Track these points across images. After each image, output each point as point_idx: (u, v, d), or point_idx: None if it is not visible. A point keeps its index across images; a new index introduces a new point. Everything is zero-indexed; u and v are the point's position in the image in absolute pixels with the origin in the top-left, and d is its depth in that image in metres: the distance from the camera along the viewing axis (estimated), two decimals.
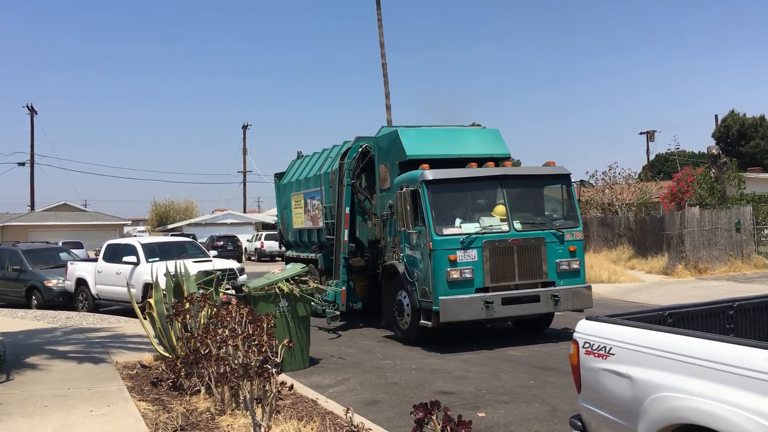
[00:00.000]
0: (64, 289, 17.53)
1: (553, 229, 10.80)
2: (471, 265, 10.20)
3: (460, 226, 10.53)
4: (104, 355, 9.55)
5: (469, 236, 10.26)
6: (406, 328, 11.15)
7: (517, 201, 11.02)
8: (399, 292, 11.29)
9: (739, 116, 49.86)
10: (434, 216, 10.37)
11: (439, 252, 10.19)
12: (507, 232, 10.48)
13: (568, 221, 11.13)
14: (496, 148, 12.36)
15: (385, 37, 34.49)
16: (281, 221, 17.83)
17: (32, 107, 51.68)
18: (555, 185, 11.47)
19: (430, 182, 10.56)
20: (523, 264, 10.41)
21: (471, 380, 8.51)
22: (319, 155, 15.66)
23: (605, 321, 4.22)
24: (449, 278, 10.13)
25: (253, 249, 44.27)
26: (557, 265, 10.64)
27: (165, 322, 8.34)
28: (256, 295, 9.25)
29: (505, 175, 10.94)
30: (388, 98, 34.00)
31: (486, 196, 11.22)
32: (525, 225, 10.72)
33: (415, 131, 12.30)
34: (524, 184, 11.34)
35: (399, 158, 11.87)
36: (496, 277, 10.30)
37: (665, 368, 3.57)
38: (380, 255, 12.59)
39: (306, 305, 9.56)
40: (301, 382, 8.21)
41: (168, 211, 68.10)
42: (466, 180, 10.99)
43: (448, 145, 12.09)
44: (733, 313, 4.80)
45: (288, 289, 9.30)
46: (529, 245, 10.48)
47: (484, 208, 11.06)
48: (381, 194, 12.47)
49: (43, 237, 38.25)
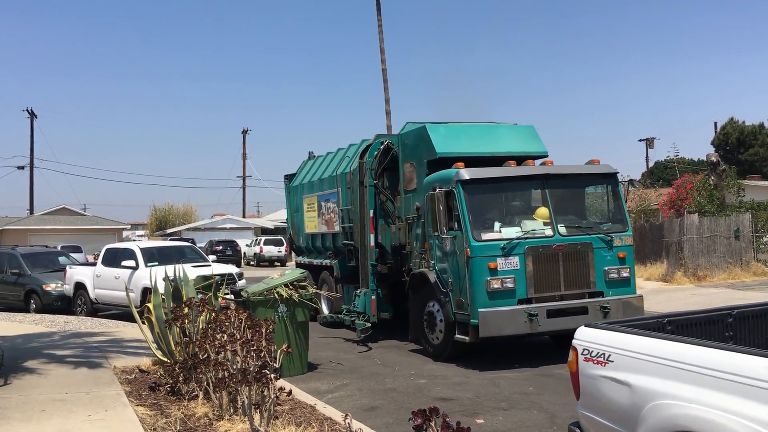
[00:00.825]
0: (62, 293, 17.51)
1: (601, 233, 9.90)
2: (513, 273, 9.32)
3: (500, 230, 9.65)
4: (102, 360, 9.53)
5: (511, 242, 9.38)
6: (437, 343, 10.20)
7: (560, 202, 10.13)
8: (429, 303, 10.36)
9: (739, 124, 49.98)
10: (471, 219, 9.51)
11: (477, 259, 9.31)
12: (551, 236, 9.59)
13: (615, 225, 10.22)
14: (532, 146, 11.42)
15: (387, 43, 34.59)
16: (291, 225, 16.93)
17: (32, 111, 51.70)
18: (600, 185, 10.60)
19: (467, 182, 9.67)
20: (569, 272, 9.54)
21: (470, 386, 8.50)
22: (334, 155, 14.91)
23: (604, 328, 4.22)
24: (489, 288, 9.24)
25: (252, 254, 44.25)
26: (606, 273, 9.75)
27: (163, 327, 8.32)
28: (255, 300, 9.24)
29: (548, 174, 10.04)
30: (388, 104, 34.04)
31: (527, 197, 10.43)
32: (570, 229, 9.84)
33: (444, 127, 11.30)
34: (568, 183, 10.41)
35: (427, 156, 10.90)
36: (540, 287, 9.42)
37: (664, 376, 3.57)
38: (404, 262, 11.74)
39: (305, 310, 9.55)
40: (300, 387, 8.20)
41: (167, 215, 68.06)
42: (506, 179, 10.07)
43: (480, 143, 11.13)
44: (733, 321, 4.80)
45: (287, 294, 9.29)
46: (576, 251, 9.60)
47: (525, 210, 10.26)
48: (406, 196, 11.54)
49: (42, 241, 38.25)
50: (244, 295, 9.47)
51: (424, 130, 11.08)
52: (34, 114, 51.70)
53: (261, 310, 9.03)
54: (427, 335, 10.45)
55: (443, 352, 10.07)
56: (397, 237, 11.81)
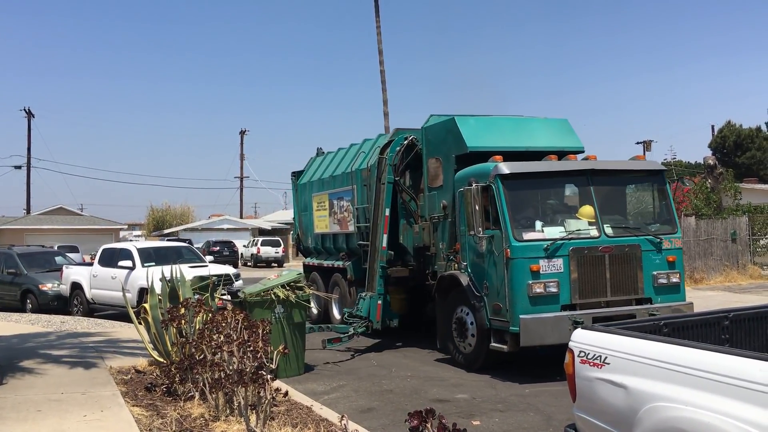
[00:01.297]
0: (59, 293, 17.48)
1: (650, 234, 9.25)
2: (556, 277, 8.64)
3: (542, 229, 9.00)
4: (98, 360, 9.51)
5: (555, 242, 8.71)
6: (469, 351, 9.47)
7: (606, 201, 9.48)
8: (459, 308, 9.66)
9: (736, 127, 50.09)
10: (512, 217, 8.85)
11: (519, 261, 8.62)
12: (597, 237, 8.92)
13: (663, 226, 9.54)
14: (567, 141, 10.76)
15: (386, 46, 34.62)
16: (299, 225, 16.15)
17: (29, 111, 51.62)
18: (646, 183, 10.03)
19: (507, 177, 8.99)
20: (615, 276, 8.86)
21: (466, 388, 8.50)
22: (346, 151, 14.27)
23: (601, 330, 4.22)
24: (531, 293, 8.55)
25: (250, 255, 44.23)
26: (654, 278, 9.08)
27: (160, 327, 8.32)
28: (252, 301, 9.23)
29: (594, 170, 9.38)
30: (386, 105, 34.08)
31: (570, 194, 9.80)
32: (617, 230, 9.18)
33: (474, 120, 10.58)
34: (614, 180, 9.73)
35: (456, 151, 10.18)
36: (585, 293, 8.73)
37: (660, 378, 3.57)
38: (428, 264, 11.06)
39: (302, 311, 9.54)
40: (296, 388, 8.19)
41: (164, 215, 67.95)
42: (549, 175, 9.42)
43: (513, 137, 10.44)
44: (729, 324, 4.80)
45: (284, 295, 9.28)
46: (623, 254, 8.92)
47: (568, 208, 9.64)
48: (430, 193, 10.86)
49: (39, 241, 38.17)
50: (241, 295, 9.46)
51: (452, 123, 10.36)
52: (31, 113, 51.63)
53: (258, 311, 9.02)
54: (456, 343, 9.74)
55: (475, 362, 9.38)
56: (420, 237, 11.08)
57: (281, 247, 43.86)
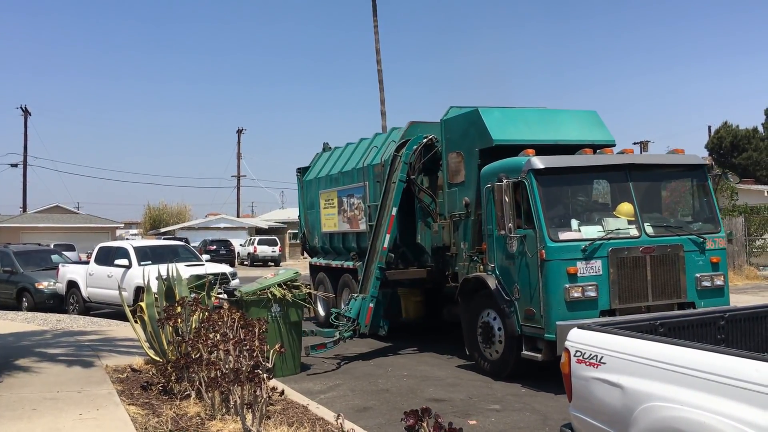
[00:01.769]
0: (55, 291, 17.46)
1: (692, 234, 8.71)
2: (595, 280, 8.07)
3: (579, 229, 8.46)
4: (94, 359, 9.50)
5: (593, 243, 8.14)
6: (496, 359, 8.95)
7: (644, 197, 8.93)
8: (485, 312, 9.16)
9: (732, 128, 50.16)
10: (546, 216, 8.31)
11: (555, 263, 8.06)
12: (637, 237, 8.38)
13: (705, 225, 8.99)
14: (597, 134, 10.19)
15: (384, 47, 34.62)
16: (305, 223, 15.42)
17: (26, 109, 51.54)
18: (686, 178, 9.45)
19: (541, 172, 8.42)
20: (657, 279, 8.31)
21: (462, 388, 8.50)
22: (356, 146, 13.74)
23: (597, 330, 4.22)
24: (568, 297, 7.97)
25: (246, 254, 44.24)
26: (698, 280, 8.54)
27: (156, 326, 8.30)
28: (249, 299, 9.22)
29: (633, 165, 8.81)
30: (383, 104, 34.08)
31: (607, 190, 9.28)
32: (658, 229, 8.63)
33: (499, 111, 9.99)
34: (653, 176, 9.21)
35: (480, 144, 9.61)
36: (625, 297, 8.17)
37: (656, 378, 3.58)
38: (448, 264, 10.52)
39: (298, 311, 9.53)
40: (292, 387, 8.18)
41: (161, 214, 67.87)
42: (586, 170, 8.88)
43: (540, 129, 9.88)
44: (725, 324, 4.81)
45: (280, 294, 9.27)
46: (665, 255, 8.38)
47: (604, 206, 9.12)
48: (450, 190, 10.28)
49: (35, 239, 38.13)
50: (237, 294, 9.45)
51: (476, 114, 9.75)
52: (28, 111, 51.55)
53: (254, 310, 9.01)
54: (481, 349, 9.22)
55: (503, 370, 8.85)
56: (440, 237, 10.49)
57: (278, 246, 43.86)
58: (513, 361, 8.68)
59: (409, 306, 11.69)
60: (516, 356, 8.59)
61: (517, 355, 8.56)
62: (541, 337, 8.19)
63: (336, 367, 10.01)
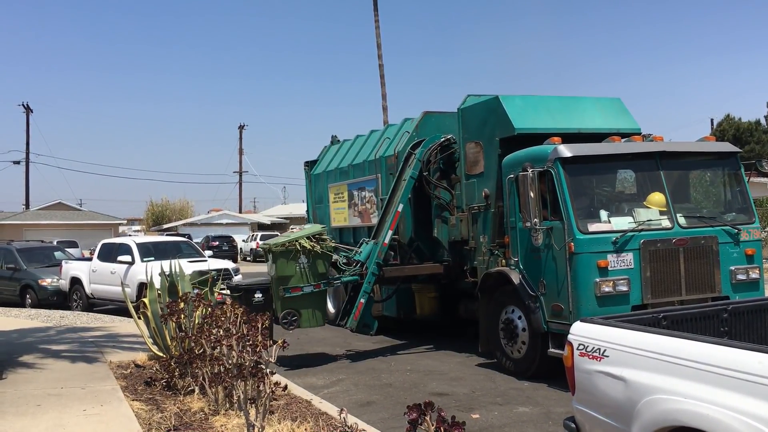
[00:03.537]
0: (58, 288, 17.50)
1: (727, 225, 8.37)
2: (626, 273, 7.77)
3: (609, 220, 8.12)
4: (98, 355, 9.52)
5: (624, 234, 7.82)
6: (520, 357, 8.64)
7: (676, 187, 8.62)
8: (507, 308, 8.84)
9: (735, 121, 50.09)
10: (575, 206, 7.96)
11: (584, 256, 7.74)
12: (670, 228, 8.06)
13: (739, 215, 8.66)
14: (622, 122, 9.83)
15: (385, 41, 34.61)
16: (313, 218, 15.04)
17: (28, 106, 51.62)
18: (718, 167, 9.14)
19: (569, 161, 8.08)
20: (690, 272, 7.99)
21: (466, 382, 8.50)
22: (366, 138, 13.43)
23: (600, 323, 4.22)
24: (599, 292, 7.67)
25: (249, 249, 44.29)
26: (732, 273, 8.22)
27: (159, 322, 8.32)
28: (277, 251, 9.35)
29: (665, 153, 8.46)
30: (384, 99, 34.08)
31: (637, 180, 8.95)
32: (690, 219, 8.30)
33: (521, 99, 9.62)
34: (684, 164, 8.88)
35: (501, 133, 9.25)
36: (658, 291, 7.85)
37: (659, 370, 3.58)
38: (466, 259, 10.16)
39: (325, 262, 9.66)
40: (296, 382, 8.20)
41: (163, 210, 67.95)
42: (616, 158, 8.56)
43: (563, 117, 9.54)
44: (728, 316, 4.81)
45: (309, 245, 9.32)
46: (699, 247, 8.05)
47: (634, 196, 8.81)
48: (468, 181, 9.92)
49: (38, 236, 38.18)
50: (265, 246, 9.60)
51: (496, 102, 9.39)
52: (29, 109, 51.63)
53: (282, 262, 9.16)
54: (504, 347, 8.90)
55: (528, 368, 8.53)
56: (457, 230, 10.13)
57: None
58: (538, 359, 8.36)
59: (423, 302, 11.42)
60: (541, 354, 8.28)
61: (543, 352, 8.23)
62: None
63: (339, 362, 10.02)
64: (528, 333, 8.50)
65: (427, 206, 11.05)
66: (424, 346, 10.88)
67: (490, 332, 9.16)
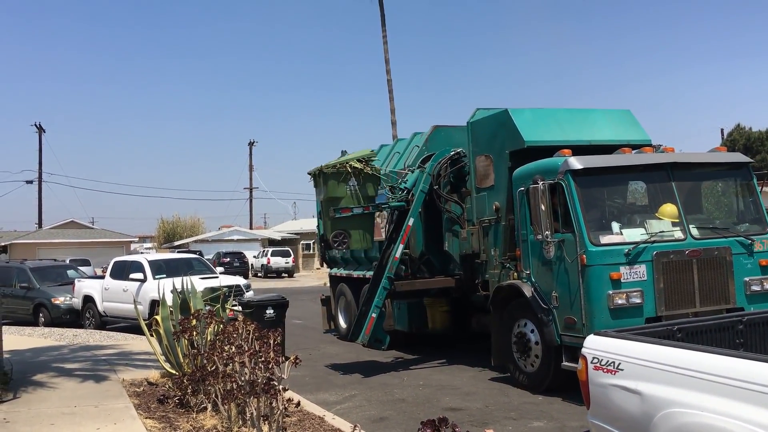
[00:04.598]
0: (71, 306, 17.56)
1: (740, 235, 8.36)
2: (639, 285, 7.74)
3: (621, 232, 8.13)
4: (111, 373, 9.53)
5: (637, 246, 7.82)
6: (533, 371, 8.59)
7: (688, 198, 8.61)
8: (520, 322, 8.81)
9: (745, 130, 49.89)
10: (586, 218, 7.97)
11: (596, 268, 7.72)
12: (683, 240, 8.05)
13: (752, 225, 8.66)
14: (632, 133, 9.82)
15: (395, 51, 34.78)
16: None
17: (40, 126, 52.03)
18: (730, 177, 9.13)
19: (580, 173, 8.10)
20: (704, 283, 7.95)
21: (479, 396, 8.45)
22: (376, 152, 13.08)
23: (614, 336, 4.20)
24: (612, 304, 7.64)
25: (260, 265, 44.35)
26: (747, 284, 8.15)
27: (172, 339, 8.34)
28: (328, 172, 9.60)
29: (676, 164, 8.46)
30: (393, 114, 34.23)
31: (648, 191, 8.95)
32: (703, 230, 8.30)
33: (530, 112, 9.69)
34: (696, 175, 8.87)
35: (510, 146, 9.29)
36: (672, 303, 7.81)
37: (675, 383, 3.55)
38: (478, 272, 10.12)
39: (374, 185, 10.00)
40: (308, 398, 8.18)
41: (175, 227, 68.23)
42: (627, 170, 8.57)
43: (573, 129, 9.57)
44: (743, 328, 4.77)
45: (360, 166, 9.51)
46: (712, 258, 8.02)
47: (646, 207, 8.78)
48: (479, 195, 9.96)
49: (51, 254, 38.40)
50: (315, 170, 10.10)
51: (506, 115, 9.46)
52: (42, 128, 52.04)
53: (332, 183, 9.46)
54: (517, 360, 8.85)
55: (542, 382, 8.47)
56: (468, 244, 10.12)
57: (291, 258, 43.95)
58: (552, 372, 8.31)
59: (435, 316, 11.35)
60: (555, 367, 8.22)
61: (556, 366, 8.18)
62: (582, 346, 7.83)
63: (351, 377, 9.99)
64: (541, 346, 8.44)
65: (438, 220, 11.05)
66: (437, 361, 10.84)
67: (502, 346, 9.12)
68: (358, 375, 10.11)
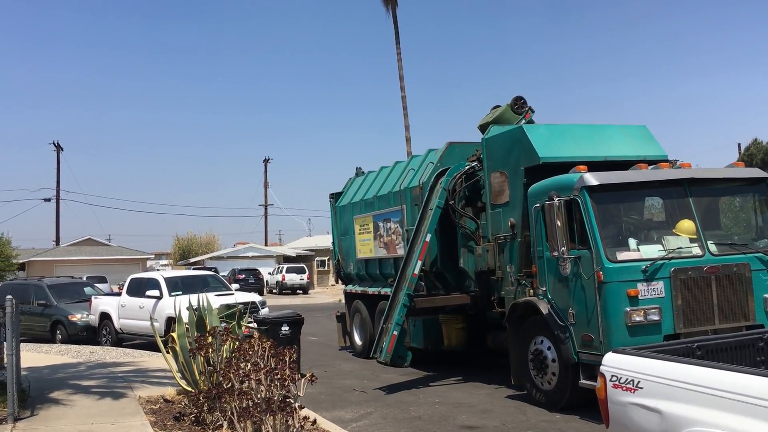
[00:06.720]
0: (88, 323, 17.65)
1: (759, 252, 8.28)
2: (657, 302, 7.66)
3: (638, 248, 8.06)
4: (127, 390, 9.56)
5: (654, 263, 7.76)
6: (550, 388, 8.52)
7: (705, 214, 8.53)
8: (536, 339, 8.75)
9: (763, 144, 49.40)
10: (602, 235, 7.92)
11: (614, 285, 7.66)
12: (701, 256, 7.97)
13: None
14: (648, 149, 9.79)
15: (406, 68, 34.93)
16: (339, 250, 15.12)
17: (58, 144, 52.63)
18: (747, 193, 9.08)
19: (595, 189, 8.07)
20: (723, 301, 7.86)
21: (496, 414, 8.38)
22: (391, 169, 13.57)
23: (633, 354, 4.16)
24: (630, 321, 7.57)
25: (275, 282, 44.40)
26: (766, 301, 8.09)
27: (188, 356, 8.34)
28: None
29: (693, 179, 8.42)
30: (408, 130, 34.38)
31: (665, 207, 8.91)
32: (722, 247, 8.20)
33: (545, 128, 9.75)
34: (713, 191, 8.80)
35: (525, 162, 9.29)
36: (690, 320, 7.73)
37: (696, 402, 3.51)
38: (493, 289, 10.14)
39: None
40: (324, 416, 8.15)
41: (190, 244, 68.56)
42: (643, 186, 8.52)
43: (588, 146, 9.52)
44: (764, 345, 4.71)
45: None
46: (731, 274, 7.94)
47: (663, 223, 8.73)
48: (494, 211, 9.94)
49: (68, 272, 38.66)
50: None
51: (520, 132, 9.53)
52: (60, 147, 52.65)
53: None
54: (533, 378, 8.79)
55: (559, 400, 8.40)
56: (484, 260, 10.10)
57: (306, 274, 43.99)
58: (569, 390, 8.22)
59: (450, 333, 11.29)
60: (572, 385, 8.13)
61: (574, 384, 8.09)
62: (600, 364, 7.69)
63: (367, 394, 9.94)
64: (558, 364, 8.38)
65: (453, 236, 11.03)
66: (453, 378, 10.77)
67: (519, 363, 9.06)
68: (374, 392, 10.07)
